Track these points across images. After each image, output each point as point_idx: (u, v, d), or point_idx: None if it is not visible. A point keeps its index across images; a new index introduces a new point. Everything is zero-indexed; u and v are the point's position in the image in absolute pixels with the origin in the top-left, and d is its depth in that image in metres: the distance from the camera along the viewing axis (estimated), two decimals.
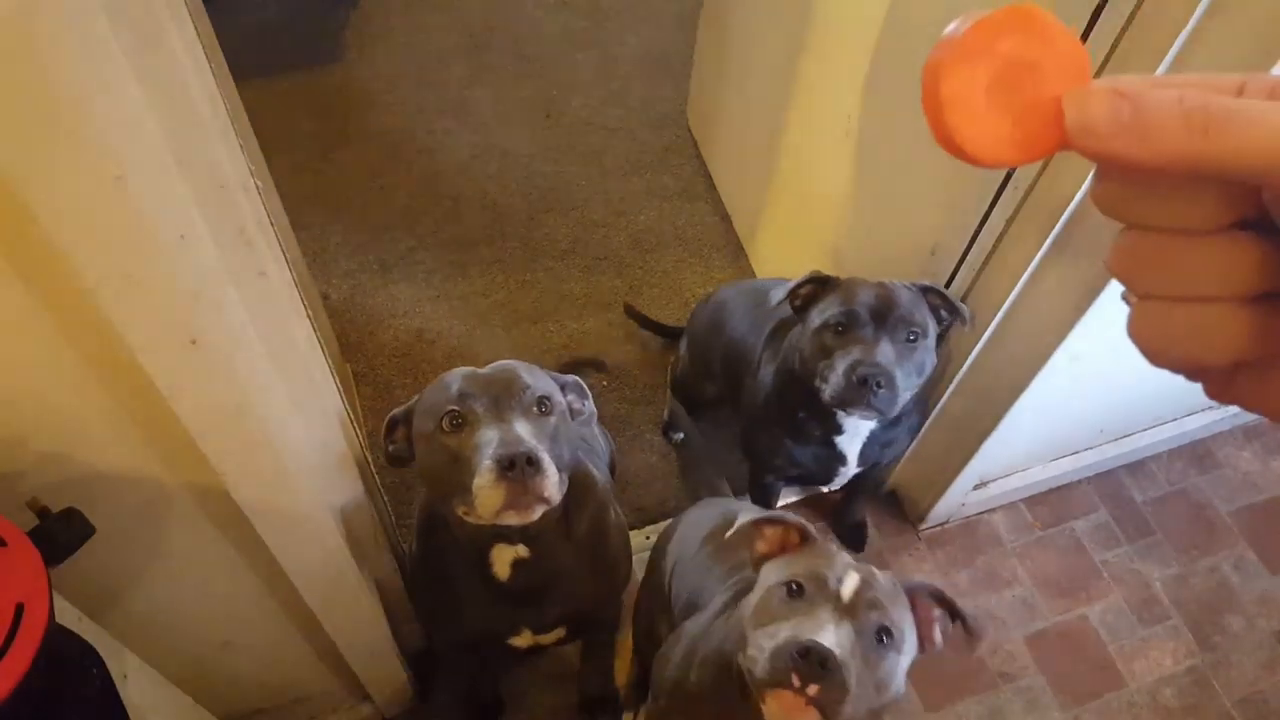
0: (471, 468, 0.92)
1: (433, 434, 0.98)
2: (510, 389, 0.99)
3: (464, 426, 0.97)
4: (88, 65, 0.58)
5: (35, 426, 0.80)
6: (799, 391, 1.41)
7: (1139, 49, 1.04)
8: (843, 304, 1.30)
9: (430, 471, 1.01)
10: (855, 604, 0.90)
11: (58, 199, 0.62)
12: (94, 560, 0.82)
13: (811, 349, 1.33)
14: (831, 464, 1.52)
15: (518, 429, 0.95)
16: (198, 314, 0.74)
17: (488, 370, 1.03)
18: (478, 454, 0.93)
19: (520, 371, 1.02)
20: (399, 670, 1.46)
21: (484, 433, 0.94)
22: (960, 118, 0.31)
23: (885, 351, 1.26)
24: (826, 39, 1.66)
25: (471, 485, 0.92)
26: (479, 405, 0.97)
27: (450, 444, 0.97)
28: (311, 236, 2.28)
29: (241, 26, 2.83)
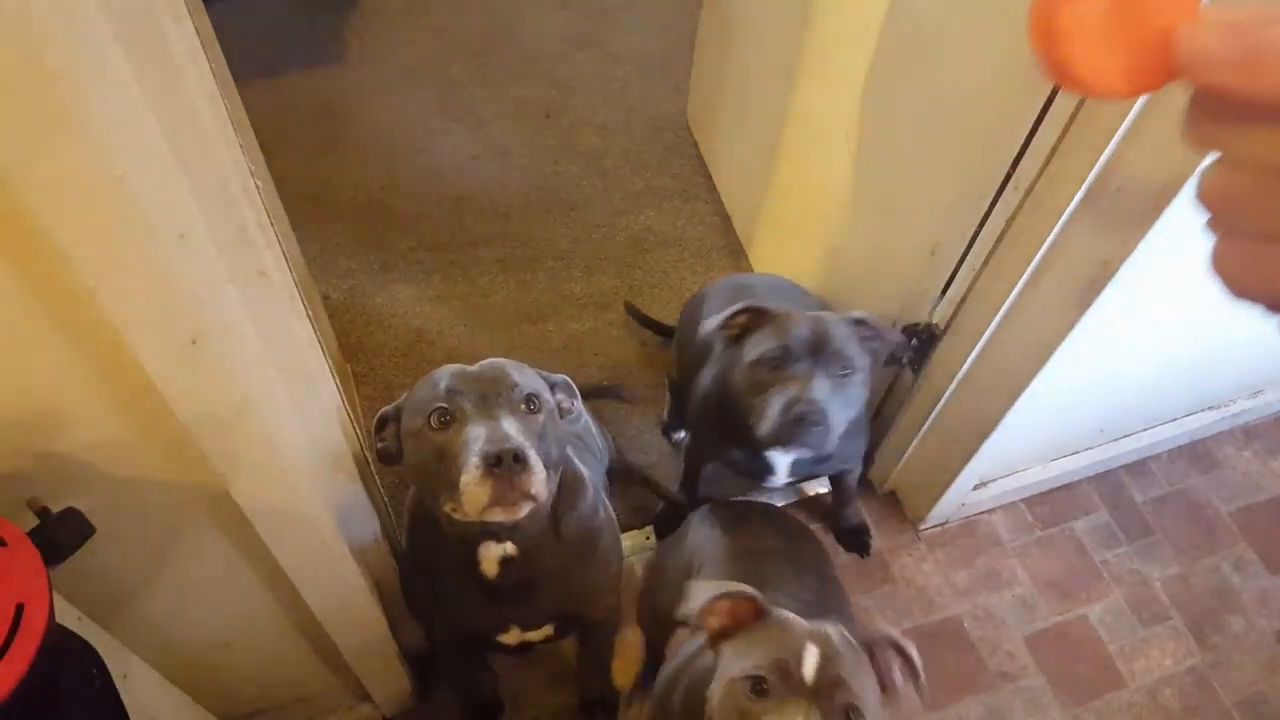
0: (459, 464, 0.93)
1: (420, 430, 0.99)
2: (498, 386, 0.99)
3: (452, 423, 0.97)
4: (88, 65, 0.58)
5: (35, 426, 0.80)
6: (731, 409, 1.42)
7: None
8: (777, 339, 1.30)
9: (418, 468, 1.01)
10: (819, 686, 0.91)
11: (59, 199, 0.63)
12: (94, 560, 0.82)
13: (746, 383, 1.34)
14: (760, 471, 1.53)
15: (505, 426, 0.95)
16: (198, 314, 0.74)
17: (476, 368, 1.04)
18: (465, 450, 0.93)
19: (509, 369, 1.03)
20: (399, 670, 1.46)
21: (471, 429, 0.95)
22: (1076, 48, 0.31)
23: (820, 388, 1.27)
24: (827, 40, 1.67)
25: (459, 482, 0.92)
26: (467, 402, 0.97)
27: (438, 440, 0.97)
28: (311, 236, 2.28)
29: (242, 26, 2.83)
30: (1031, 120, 1.22)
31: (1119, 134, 1.08)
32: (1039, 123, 1.21)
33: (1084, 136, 1.15)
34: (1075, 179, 1.17)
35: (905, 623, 1.75)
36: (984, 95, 1.28)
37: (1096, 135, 1.12)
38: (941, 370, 1.58)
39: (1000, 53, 1.23)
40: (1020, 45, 1.19)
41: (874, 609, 1.77)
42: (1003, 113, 1.24)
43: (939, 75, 1.37)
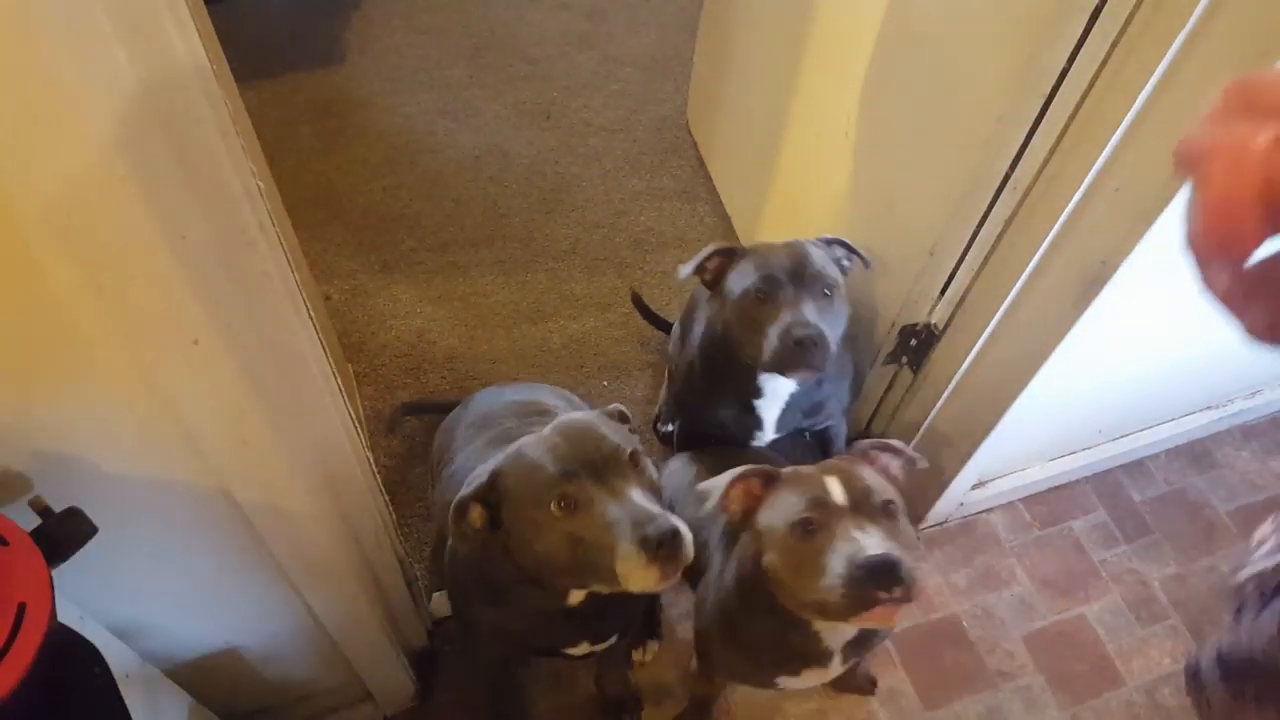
0: (607, 549, 0.92)
1: (544, 521, 0.96)
2: (603, 452, 0.97)
3: (579, 507, 0.95)
4: (89, 67, 0.59)
5: (37, 426, 0.81)
6: (721, 357, 1.45)
7: (1138, 49, 1.04)
8: (757, 270, 1.33)
9: (544, 557, 0.98)
10: (854, 501, 0.99)
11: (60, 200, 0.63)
12: (96, 560, 0.82)
13: (737, 319, 1.36)
14: (749, 427, 1.55)
15: (639, 500, 0.94)
16: (199, 314, 0.75)
17: (565, 433, 1.00)
18: (612, 535, 0.92)
19: (600, 428, 1.01)
20: (400, 670, 1.46)
21: (608, 511, 0.93)
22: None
23: (810, 310, 1.30)
24: (826, 40, 1.67)
25: (612, 566, 0.92)
26: (585, 479, 0.95)
27: (569, 528, 0.95)
28: (313, 237, 2.29)
29: (243, 28, 2.83)
30: (1030, 121, 1.22)
31: (1118, 134, 1.09)
32: (1038, 123, 1.22)
33: (1083, 137, 1.16)
34: (1074, 179, 1.17)
35: (904, 622, 1.76)
36: (983, 96, 1.28)
37: (1095, 136, 1.12)
38: (940, 370, 1.58)
39: (999, 52, 1.23)
40: (1019, 45, 1.20)
41: None
42: (1001, 113, 1.25)
43: (938, 76, 1.37)
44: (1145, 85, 1.03)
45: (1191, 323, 1.50)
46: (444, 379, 2.05)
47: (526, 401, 1.47)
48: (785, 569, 1.01)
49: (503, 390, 1.56)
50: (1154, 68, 1.01)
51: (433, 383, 2.04)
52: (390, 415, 1.95)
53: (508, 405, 1.46)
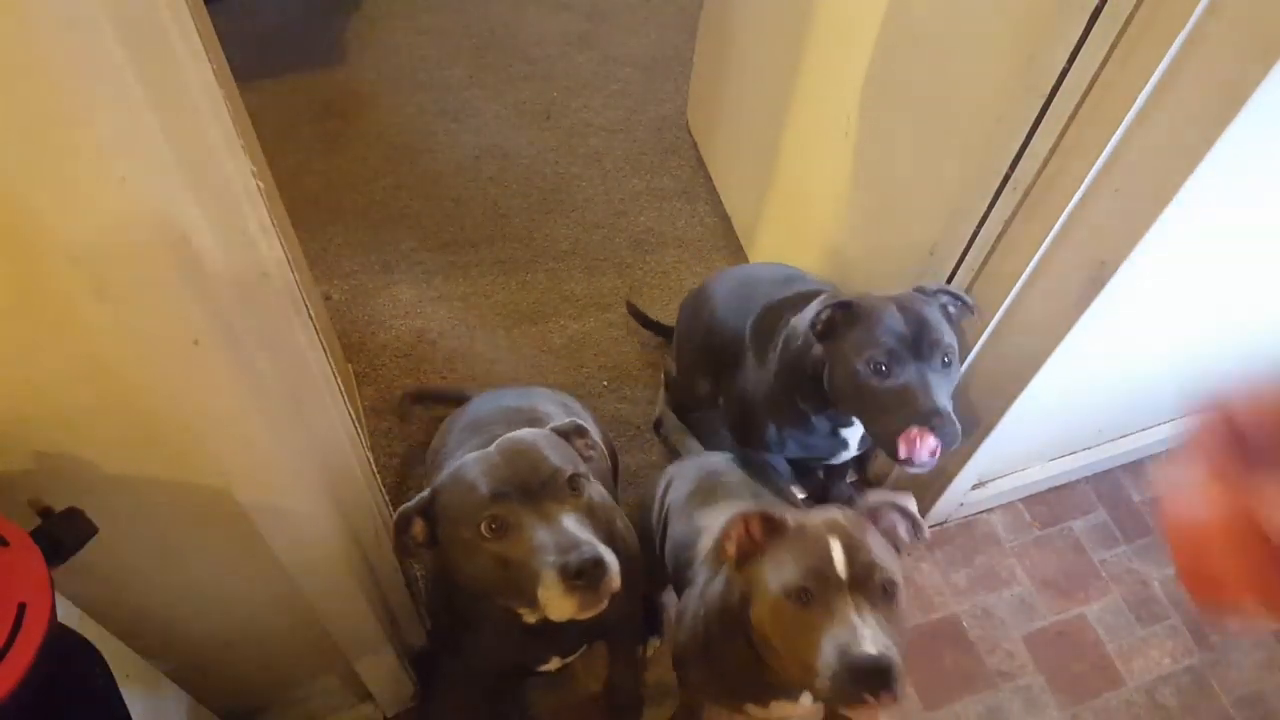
0: (530, 574, 0.91)
1: (473, 541, 0.95)
2: (539, 474, 0.96)
3: (507, 530, 0.94)
4: (90, 67, 0.59)
5: (38, 426, 0.81)
6: (812, 396, 1.41)
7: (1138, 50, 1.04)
8: (876, 340, 1.25)
9: (475, 577, 0.98)
10: (855, 575, 0.95)
11: (61, 200, 0.63)
12: (96, 560, 0.82)
13: (852, 389, 1.28)
14: (835, 449, 1.54)
15: (568, 527, 0.92)
16: (200, 314, 0.75)
17: (502, 454, 0.99)
18: (535, 560, 0.91)
19: (541, 449, 0.99)
20: (400, 670, 1.46)
21: (535, 535, 0.92)
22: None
23: (939, 390, 1.23)
24: (826, 40, 1.67)
25: (534, 592, 0.91)
26: (515, 502, 0.94)
27: (496, 550, 0.94)
28: (313, 237, 2.29)
29: (243, 28, 2.83)
30: (1030, 121, 1.22)
31: (1117, 135, 1.09)
32: (1038, 123, 1.22)
33: (1082, 137, 1.16)
34: (1074, 179, 1.17)
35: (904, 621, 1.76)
36: (983, 96, 1.28)
37: (1095, 136, 1.12)
38: None
39: (999, 53, 1.23)
40: (1018, 45, 1.20)
41: None
42: (1001, 113, 1.25)
43: (938, 76, 1.37)
44: (1145, 85, 1.03)
45: (1191, 323, 1.50)
46: (444, 379, 2.05)
47: (519, 408, 1.46)
48: (774, 633, 0.98)
49: (500, 395, 1.55)
50: (1154, 68, 1.01)
51: (433, 382, 2.04)
52: (400, 402, 1.95)
53: (501, 411, 1.45)
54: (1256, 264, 1.40)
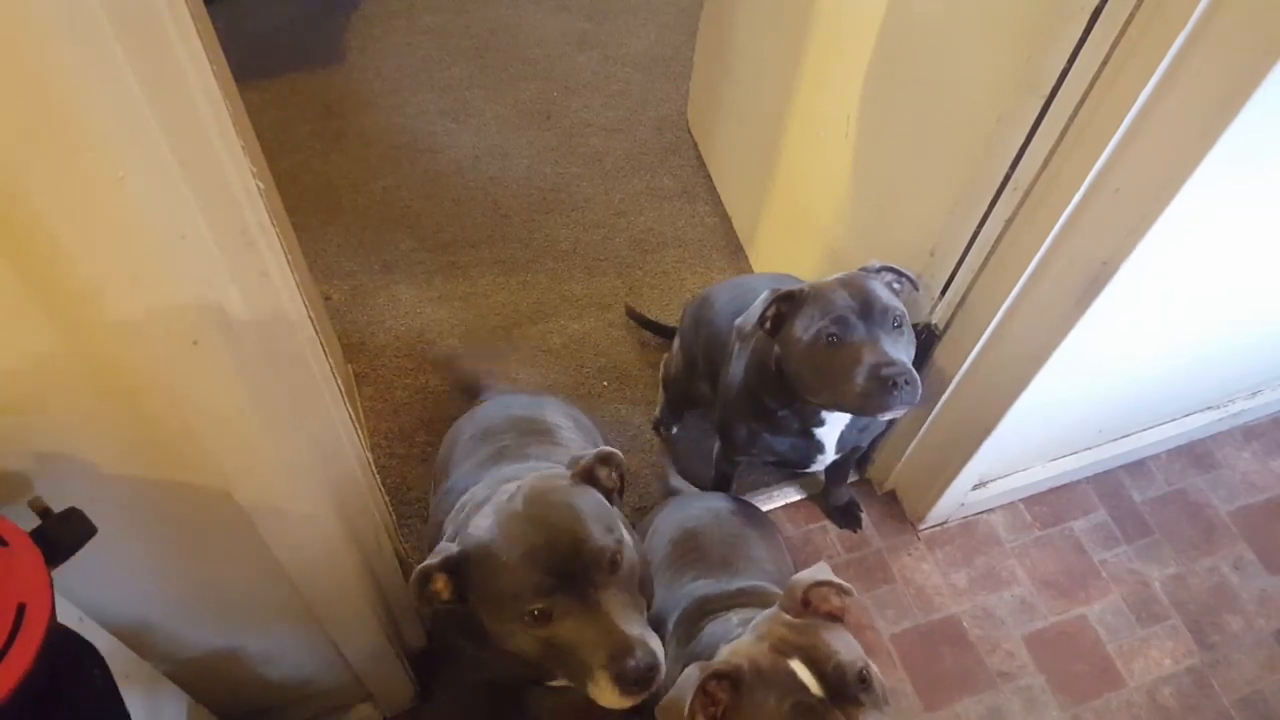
0: (582, 666, 0.91)
1: (514, 625, 0.94)
2: (580, 557, 0.92)
3: (553, 620, 0.92)
4: (90, 67, 0.58)
5: (38, 426, 0.81)
6: (777, 392, 1.42)
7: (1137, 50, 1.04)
8: (824, 313, 1.27)
9: (516, 651, 0.96)
10: (832, 684, 0.92)
11: (61, 200, 0.63)
12: (96, 560, 0.82)
13: (810, 365, 1.30)
14: (810, 453, 1.54)
15: (618, 621, 0.90)
16: (200, 314, 0.75)
17: (541, 527, 0.95)
18: (587, 655, 0.90)
19: (582, 521, 0.95)
20: (400, 670, 1.46)
21: (584, 632, 0.91)
22: None
23: (890, 346, 1.26)
24: (826, 40, 1.67)
25: (584, 682, 0.91)
26: (561, 594, 0.91)
27: (542, 635, 0.93)
28: (313, 237, 2.29)
29: (243, 28, 2.83)
30: (1030, 121, 1.22)
31: (1118, 135, 1.09)
32: (1038, 124, 1.22)
33: (1083, 137, 1.16)
34: (1074, 180, 1.17)
35: (905, 622, 1.76)
36: (983, 96, 1.28)
37: (1095, 136, 1.12)
38: (941, 371, 1.58)
39: (999, 53, 1.23)
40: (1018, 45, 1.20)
41: (873, 608, 1.77)
42: (1002, 113, 1.25)
43: (938, 76, 1.37)
44: (1145, 86, 1.03)
45: (1192, 323, 1.50)
46: (444, 379, 2.05)
47: (528, 418, 1.44)
48: None
49: (510, 401, 1.52)
50: (1154, 68, 1.01)
51: (433, 383, 2.04)
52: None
53: (509, 420, 1.43)
54: (1257, 263, 1.40)
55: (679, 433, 1.99)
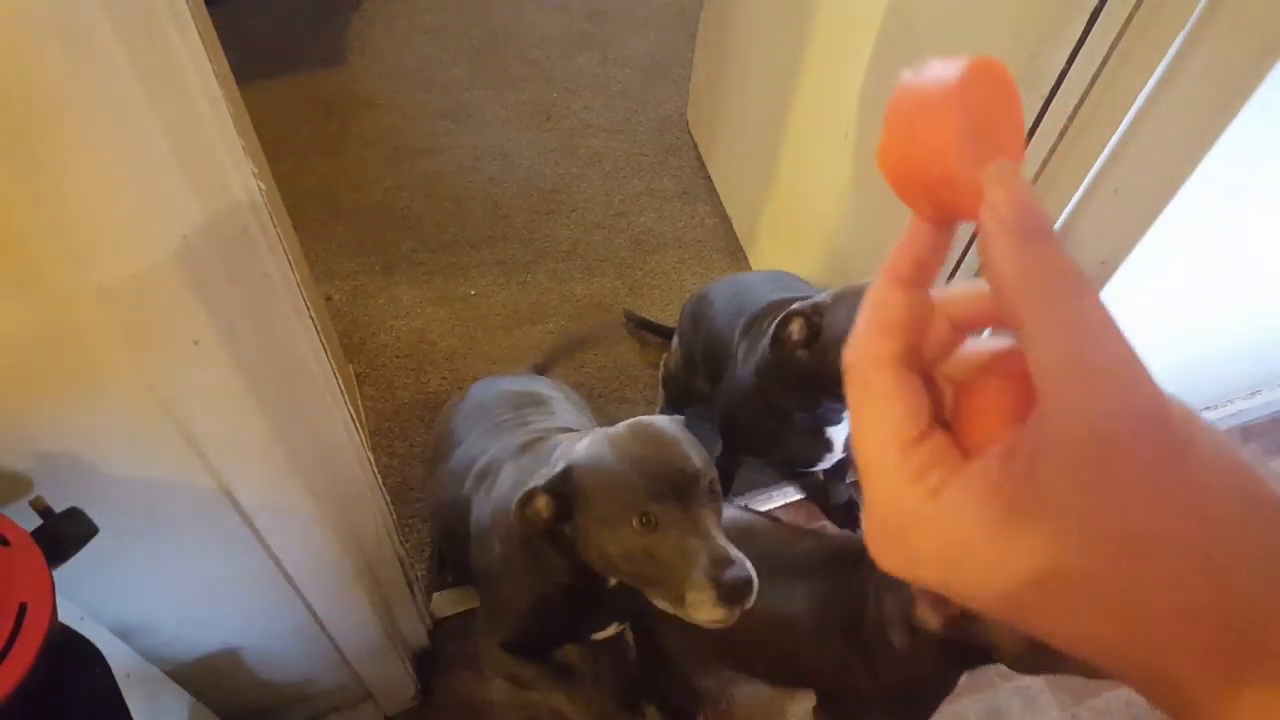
0: (680, 575, 0.94)
1: (622, 531, 0.97)
2: (686, 474, 0.98)
3: (658, 527, 0.96)
4: (90, 67, 0.59)
5: (38, 426, 0.81)
6: (797, 395, 1.42)
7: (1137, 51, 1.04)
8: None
9: (612, 562, 1.00)
10: None
11: (61, 200, 0.63)
12: (97, 560, 0.83)
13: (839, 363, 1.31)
14: (819, 451, 1.55)
15: (720, 541, 0.95)
16: (200, 315, 0.75)
17: (650, 443, 1.01)
18: (688, 565, 0.94)
19: (686, 449, 1.01)
20: (401, 669, 1.46)
21: (687, 541, 0.95)
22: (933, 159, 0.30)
23: None
24: (826, 41, 1.67)
25: (683, 592, 0.94)
26: (671, 504, 0.96)
27: (647, 544, 0.96)
28: (314, 238, 2.29)
29: (244, 28, 2.83)
30: (1030, 121, 1.22)
31: (1117, 135, 1.09)
32: (1037, 124, 1.22)
33: (1081, 137, 1.16)
34: (1073, 180, 1.17)
35: None
36: None
37: (1094, 136, 1.12)
38: None
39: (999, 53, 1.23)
40: (1018, 45, 1.20)
41: None
42: None
43: None
44: (1145, 86, 1.03)
45: (1190, 323, 1.50)
46: (445, 379, 2.05)
47: (522, 391, 1.47)
48: None
49: (498, 380, 1.56)
50: (1153, 69, 1.01)
51: (433, 383, 2.05)
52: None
53: (503, 395, 1.46)
54: (1255, 264, 1.40)
55: None
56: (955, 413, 0.32)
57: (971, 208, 0.29)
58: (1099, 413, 0.25)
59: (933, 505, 0.29)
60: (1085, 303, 0.27)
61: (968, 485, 0.28)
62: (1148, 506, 0.25)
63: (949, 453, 0.30)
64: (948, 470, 0.29)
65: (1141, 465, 0.25)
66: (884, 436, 0.31)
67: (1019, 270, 0.28)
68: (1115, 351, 0.26)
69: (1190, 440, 0.26)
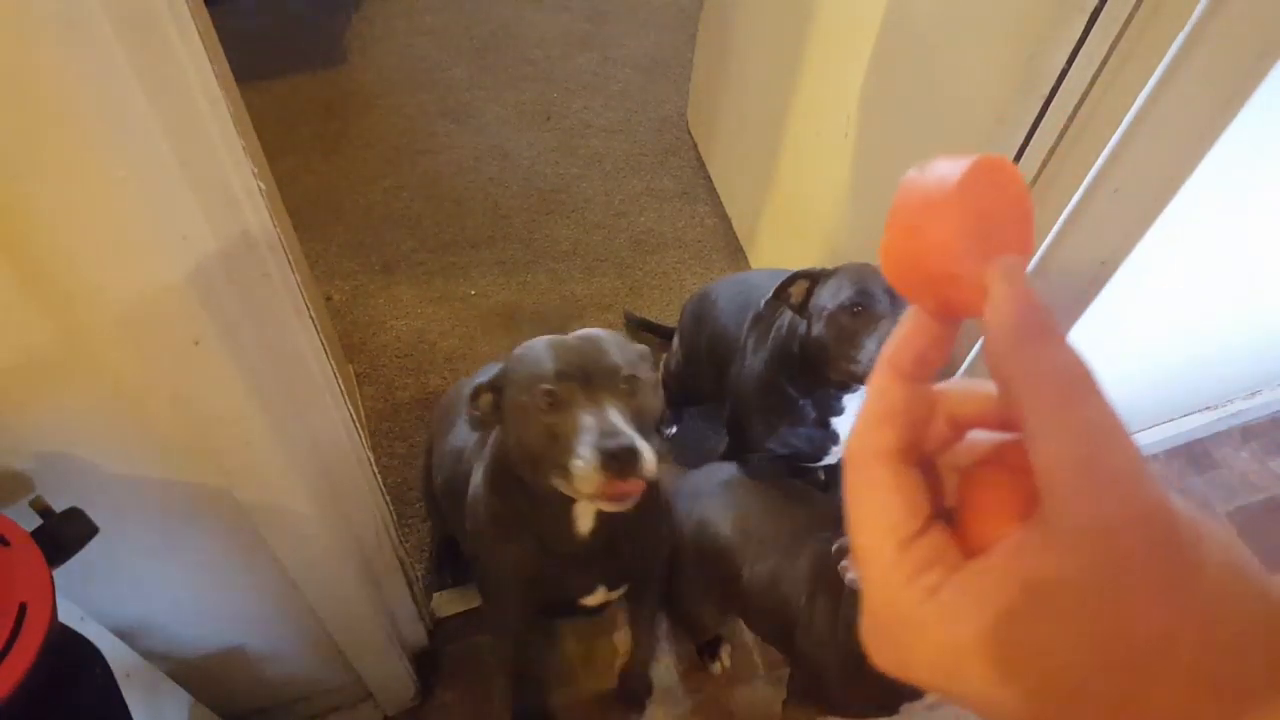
0: (570, 450, 0.96)
1: (529, 410, 1.02)
2: (600, 366, 1.01)
3: (560, 406, 1.00)
4: (90, 67, 0.59)
5: (38, 426, 0.81)
6: (800, 378, 1.43)
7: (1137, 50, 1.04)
8: (853, 284, 1.31)
9: (523, 443, 1.04)
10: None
11: (61, 200, 0.63)
12: (96, 560, 0.83)
13: (831, 333, 1.34)
14: (825, 444, 1.55)
15: (613, 418, 0.97)
16: (201, 315, 0.75)
17: (575, 341, 1.06)
18: (577, 439, 0.96)
19: (607, 347, 1.05)
20: (401, 669, 1.46)
21: (581, 418, 0.98)
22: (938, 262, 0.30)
23: None
24: (826, 41, 1.67)
25: (571, 466, 0.96)
26: (574, 383, 1.00)
27: (546, 421, 1.00)
28: (314, 238, 2.29)
29: (244, 28, 2.83)
30: (1030, 121, 1.22)
31: (1117, 135, 1.09)
32: (1037, 124, 1.22)
33: (1082, 138, 1.16)
34: (1073, 180, 1.17)
35: None
36: (982, 96, 1.28)
37: (1094, 136, 1.12)
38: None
39: (999, 53, 1.23)
40: (1018, 45, 1.20)
41: None
42: (1001, 113, 1.25)
43: (938, 76, 1.37)
44: (1145, 86, 1.03)
45: (1191, 323, 1.50)
46: (445, 379, 2.05)
47: None
48: None
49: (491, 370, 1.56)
50: (1153, 68, 1.01)
51: (433, 383, 2.05)
52: None
53: None
54: (1255, 264, 1.40)
55: (678, 433, 2.00)
56: (957, 504, 0.31)
57: (976, 305, 0.29)
58: (1105, 520, 0.25)
59: (930, 606, 0.28)
60: (1092, 406, 0.27)
61: (966, 586, 0.28)
62: (1155, 618, 0.25)
63: (948, 551, 0.29)
64: (946, 570, 0.28)
65: (1149, 575, 0.25)
66: (881, 531, 0.30)
67: (1023, 370, 0.27)
68: (1121, 457, 0.26)
69: (1197, 548, 0.25)
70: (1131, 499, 0.25)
